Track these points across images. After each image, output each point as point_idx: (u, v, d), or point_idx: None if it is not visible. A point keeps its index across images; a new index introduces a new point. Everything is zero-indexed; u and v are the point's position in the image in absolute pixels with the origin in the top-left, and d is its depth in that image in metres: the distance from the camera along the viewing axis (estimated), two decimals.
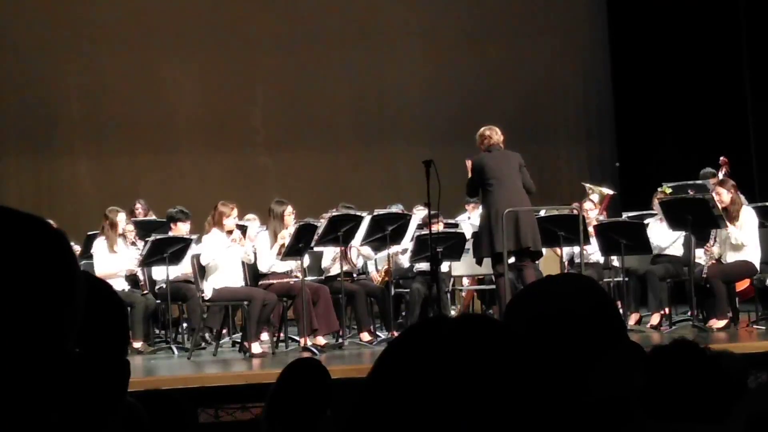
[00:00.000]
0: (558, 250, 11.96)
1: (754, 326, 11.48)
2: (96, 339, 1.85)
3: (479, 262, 11.28)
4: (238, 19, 17.16)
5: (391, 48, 17.68)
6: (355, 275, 12.08)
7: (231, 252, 11.03)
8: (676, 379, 2.91)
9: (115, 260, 11.56)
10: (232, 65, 17.18)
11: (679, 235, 11.88)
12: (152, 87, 16.93)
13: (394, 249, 11.99)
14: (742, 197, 12.68)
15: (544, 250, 11.78)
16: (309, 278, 11.47)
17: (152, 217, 13.71)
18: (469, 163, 11.09)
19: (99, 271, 11.14)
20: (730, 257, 11.44)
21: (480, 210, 13.94)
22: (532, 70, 17.90)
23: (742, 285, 11.65)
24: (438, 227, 11.43)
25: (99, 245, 11.60)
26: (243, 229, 11.63)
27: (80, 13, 16.51)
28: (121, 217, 11.77)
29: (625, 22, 17.49)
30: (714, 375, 3.02)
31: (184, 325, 12.20)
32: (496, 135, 11.02)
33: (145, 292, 11.67)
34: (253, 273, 11.47)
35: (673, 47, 16.58)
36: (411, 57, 17.66)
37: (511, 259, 10.94)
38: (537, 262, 11.43)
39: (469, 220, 13.56)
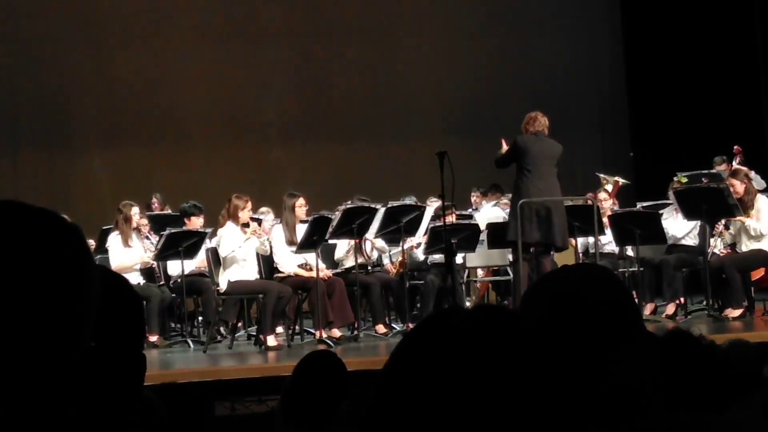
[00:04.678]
0: (573, 240, 11.94)
1: None
2: (112, 333, 1.86)
3: (511, 246, 11.28)
4: (251, 12, 17.16)
5: (405, 40, 17.67)
6: (369, 267, 12.08)
7: (246, 245, 11.05)
8: (672, 369, 2.90)
9: (130, 254, 11.58)
10: (245, 58, 17.19)
11: (694, 225, 11.86)
12: (166, 81, 16.95)
13: (408, 243, 11.98)
14: (760, 179, 12.69)
15: None
16: (328, 271, 11.46)
17: (168, 211, 13.74)
18: (503, 142, 11.10)
19: (114, 264, 11.16)
20: (746, 246, 11.41)
21: (486, 201, 13.97)
22: (546, 61, 17.87)
23: (758, 274, 11.62)
24: (451, 219, 11.42)
25: (114, 239, 11.62)
26: (258, 222, 11.64)
27: (93, 8, 16.53)
28: (135, 211, 11.79)
29: (638, 13, 17.45)
30: (710, 364, 3.01)
31: (200, 318, 12.22)
32: (542, 119, 11.04)
33: (161, 283, 11.70)
34: (268, 266, 11.49)
35: (687, 37, 16.53)
36: (425, 49, 17.65)
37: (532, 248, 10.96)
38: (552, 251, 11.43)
39: (478, 212, 13.55)
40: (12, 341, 1.30)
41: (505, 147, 11.18)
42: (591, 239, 11.79)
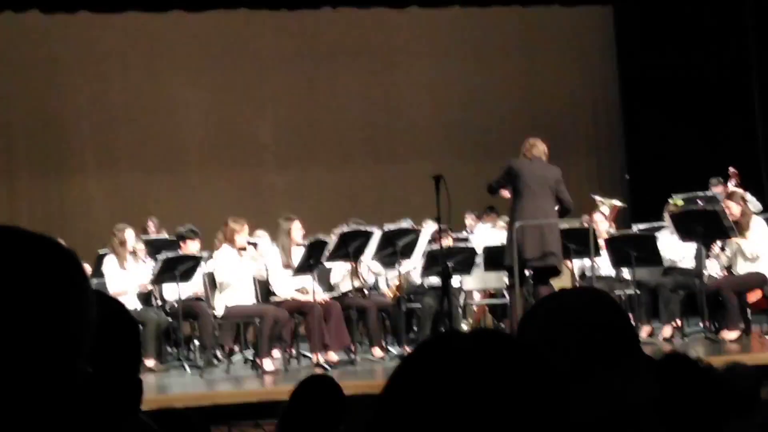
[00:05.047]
0: (569, 263, 11.94)
1: (767, 337, 11.45)
2: (109, 358, 1.85)
3: (509, 270, 11.28)
4: (247, 37, 17.20)
5: (400, 63, 17.71)
6: (366, 291, 12.08)
7: (243, 269, 11.04)
8: (669, 392, 2.90)
9: (126, 277, 11.57)
10: (241, 83, 17.21)
11: (691, 248, 11.86)
12: (162, 105, 16.97)
13: (404, 267, 11.97)
14: (756, 201, 12.71)
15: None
16: (325, 294, 11.45)
17: (164, 234, 13.74)
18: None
19: (111, 289, 11.15)
20: (742, 268, 11.42)
21: (481, 224, 13.98)
22: (541, 84, 17.91)
23: (755, 296, 11.62)
24: (448, 242, 11.42)
25: (109, 263, 11.61)
26: (254, 246, 11.64)
27: (90, 34, 16.55)
28: (129, 234, 11.78)
29: (632, 34, 17.49)
30: (707, 387, 3.01)
31: (196, 342, 12.20)
32: (541, 145, 11.06)
33: (159, 304, 11.71)
34: (264, 290, 11.48)
35: (681, 58, 16.57)
36: (420, 73, 17.69)
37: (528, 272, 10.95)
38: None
39: (473, 235, 13.56)
40: (8, 366, 1.30)
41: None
42: (587, 262, 11.79)
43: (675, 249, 11.95)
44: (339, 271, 11.91)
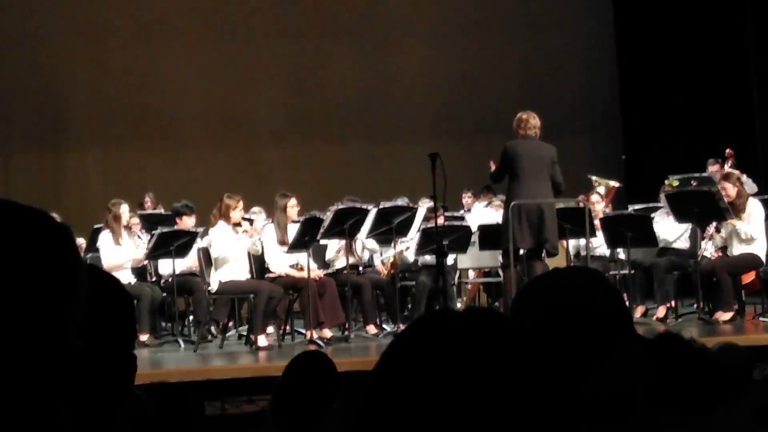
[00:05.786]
0: (564, 242, 11.95)
1: (761, 318, 11.47)
2: (103, 332, 1.85)
3: (482, 248, 11.27)
4: (244, 13, 17.16)
5: (397, 40, 17.68)
6: (360, 268, 12.09)
7: (238, 244, 11.04)
8: (662, 371, 2.91)
9: (120, 252, 11.57)
10: (236, 58, 17.18)
11: (686, 229, 11.87)
12: (158, 81, 16.94)
13: (399, 245, 11.97)
14: (752, 183, 12.71)
15: None
16: (319, 271, 11.45)
17: (161, 209, 13.74)
18: (492, 164, 11.07)
19: (106, 263, 11.16)
20: (737, 249, 11.43)
21: (478, 203, 13.95)
22: (538, 63, 17.89)
23: (749, 277, 11.63)
24: (440, 220, 11.41)
25: (104, 238, 11.61)
26: (249, 222, 11.64)
27: (85, 9, 16.51)
28: (124, 209, 11.76)
29: (630, 15, 17.47)
30: (700, 367, 3.01)
31: (191, 317, 12.21)
32: (533, 120, 10.84)
33: (153, 279, 11.71)
34: (259, 266, 11.48)
35: (679, 39, 16.56)
36: (417, 50, 17.65)
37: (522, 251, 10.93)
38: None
39: (470, 214, 13.54)
40: None
41: (494, 167, 11.08)
42: (582, 242, 11.80)
43: (670, 230, 11.96)
44: (334, 248, 11.91)
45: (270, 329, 11.14)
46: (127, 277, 11.28)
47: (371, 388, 1.30)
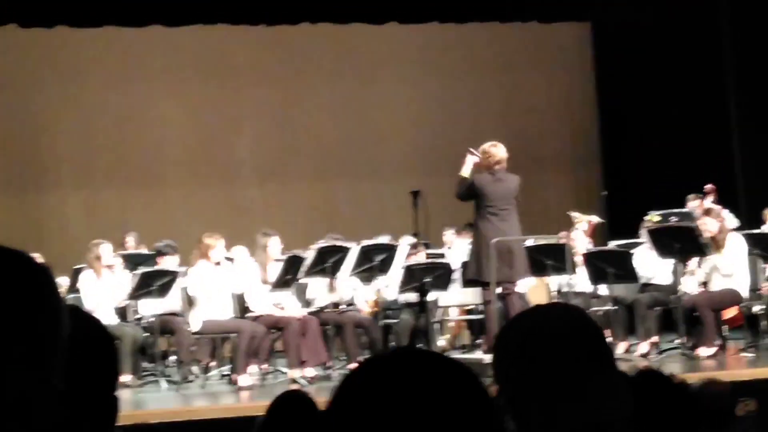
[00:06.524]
0: (546, 279, 11.97)
1: (743, 353, 11.49)
2: (85, 374, 1.85)
3: (465, 285, 11.21)
4: (225, 52, 17.20)
5: (379, 80, 17.74)
6: (343, 306, 12.07)
7: (219, 283, 11.02)
8: (643, 407, 2.91)
9: (102, 293, 11.52)
10: (219, 98, 17.21)
11: (667, 264, 11.90)
12: (139, 120, 16.95)
13: (381, 282, 11.96)
14: (733, 218, 12.76)
15: (533, 279, 11.80)
16: (302, 310, 11.44)
17: (143, 249, 13.70)
18: (470, 159, 10.77)
19: (87, 304, 11.11)
20: (718, 284, 11.46)
21: (459, 240, 13.89)
22: (519, 100, 17.98)
23: (730, 313, 11.66)
24: (421, 257, 11.41)
25: (85, 278, 11.57)
26: (230, 261, 11.63)
27: (67, 48, 16.52)
28: (105, 249, 11.72)
29: (610, 51, 17.58)
30: (679, 403, 3.02)
31: (173, 357, 12.16)
32: (501, 153, 10.66)
33: (137, 316, 11.65)
34: (241, 305, 11.46)
35: (658, 76, 16.65)
36: (398, 88, 17.71)
37: (499, 289, 10.88)
38: (525, 291, 11.42)
39: (451, 251, 13.53)
40: None
41: (468, 160, 10.78)
42: (564, 278, 11.81)
43: (651, 265, 11.99)
44: (316, 287, 11.90)
45: (252, 368, 11.10)
46: (109, 318, 11.23)
47: (322, 424, 1.35)
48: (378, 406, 1.29)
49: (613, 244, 12.86)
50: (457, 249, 13.85)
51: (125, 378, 10.98)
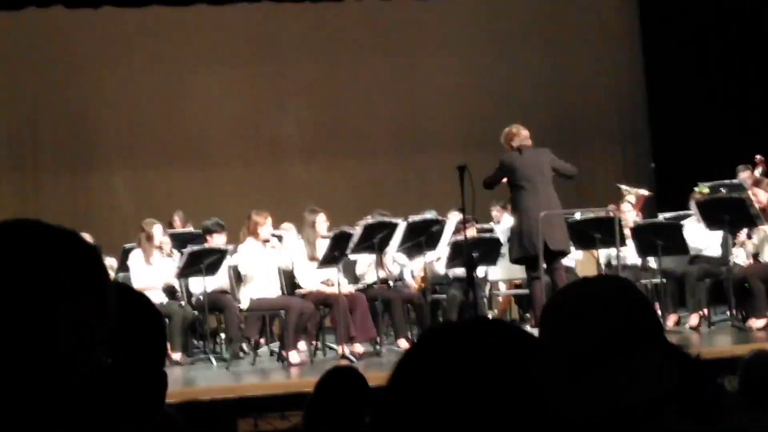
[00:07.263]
0: (594, 252, 11.91)
1: None
2: (133, 350, 1.86)
3: (515, 263, 11.22)
4: (270, 30, 17.20)
5: (424, 55, 17.68)
6: (391, 282, 12.08)
7: (268, 261, 11.06)
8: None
9: (152, 272, 11.59)
10: (264, 76, 17.23)
11: (717, 236, 11.81)
12: (185, 100, 17.01)
13: (428, 257, 11.96)
14: None
15: (581, 252, 11.75)
16: (350, 286, 11.47)
17: (190, 228, 13.76)
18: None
19: (136, 283, 11.14)
20: None
21: (507, 215, 13.87)
22: (565, 74, 17.85)
23: None
24: (472, 232, 11.38)
25: (135, 257, 11.64)
26: (279, 239, 11.66)
27: (112, 30, 16.59)
28: (157, 229, 11.79)
29: (658, 23, 17.42)
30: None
31: (222, 335, 12.23)
32: (523, 132, 10.85)
33: (182, 303, 11.71)
34: (289, 282, 11.50)
35: (707, 47, 16.49)
36: (443, 64, 17.65)
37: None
38: (573, 265, 11.37)
39: (499, 225, 13.49)
40: (28, 358, 1.31)
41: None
42: (613, 251, 11.75)
43: (701, 237, 11.89)
44: (364, 263, 11.92)
45: (302, 345, 11.15)
46: (158, 297, 11.30)
47: (381, 404, 1.31)
48: (447, 378, 1.27)
49: (662, 217, 12.77)
50: (505, 223, 13.82)
51: (176, 356, 11.06)
